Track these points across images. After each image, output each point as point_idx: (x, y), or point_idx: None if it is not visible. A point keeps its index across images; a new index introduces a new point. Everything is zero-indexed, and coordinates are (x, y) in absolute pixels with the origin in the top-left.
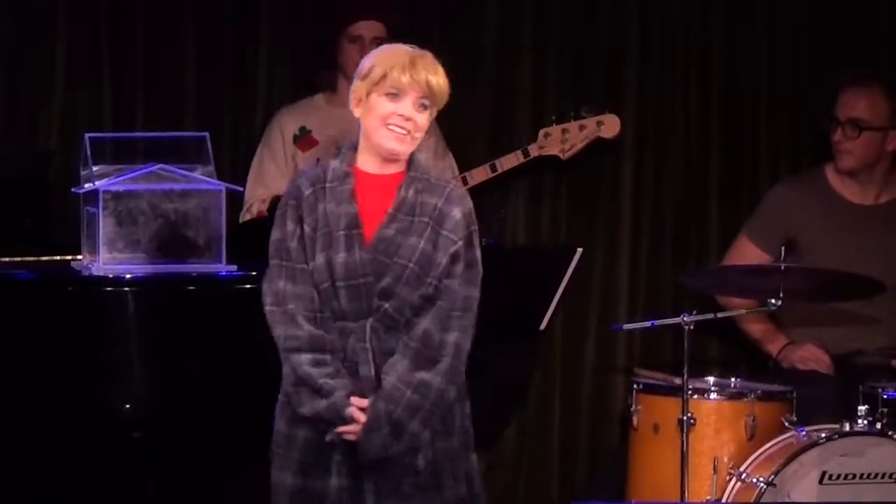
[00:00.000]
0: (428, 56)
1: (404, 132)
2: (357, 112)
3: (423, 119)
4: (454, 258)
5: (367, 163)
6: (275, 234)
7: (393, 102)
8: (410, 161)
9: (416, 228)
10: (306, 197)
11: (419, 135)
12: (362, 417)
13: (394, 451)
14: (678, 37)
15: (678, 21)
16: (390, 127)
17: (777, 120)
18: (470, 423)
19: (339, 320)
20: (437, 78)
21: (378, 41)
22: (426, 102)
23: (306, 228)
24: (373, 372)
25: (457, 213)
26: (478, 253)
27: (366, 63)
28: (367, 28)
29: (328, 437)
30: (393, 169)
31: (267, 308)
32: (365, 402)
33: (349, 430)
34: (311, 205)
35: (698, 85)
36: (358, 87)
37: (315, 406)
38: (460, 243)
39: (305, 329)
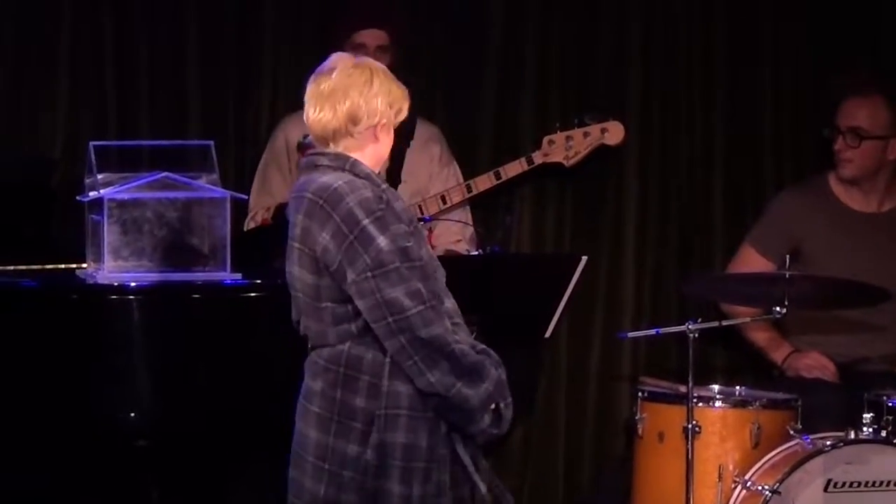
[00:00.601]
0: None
1: None
2: (380, 137)
3: None
4: None
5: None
6: (383, 241)
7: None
8: None
9: None
10: (386, 200)
11: None
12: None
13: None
14: (681, 44)
15: (681, 28)
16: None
17: (781, 127)
18: None
19: None
20: None
21: (381, 49)
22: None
23: (405, 227)
24: None
25: None
26: None
27: (397, 97)
28: (370, 37)
29: (485, 423)
30: None
31: (412, 312)
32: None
33: None
34: (392, 206)
35: (702, 92)
36: (388, 114)
37: (483, 388)
38: None
39: (447, 321)
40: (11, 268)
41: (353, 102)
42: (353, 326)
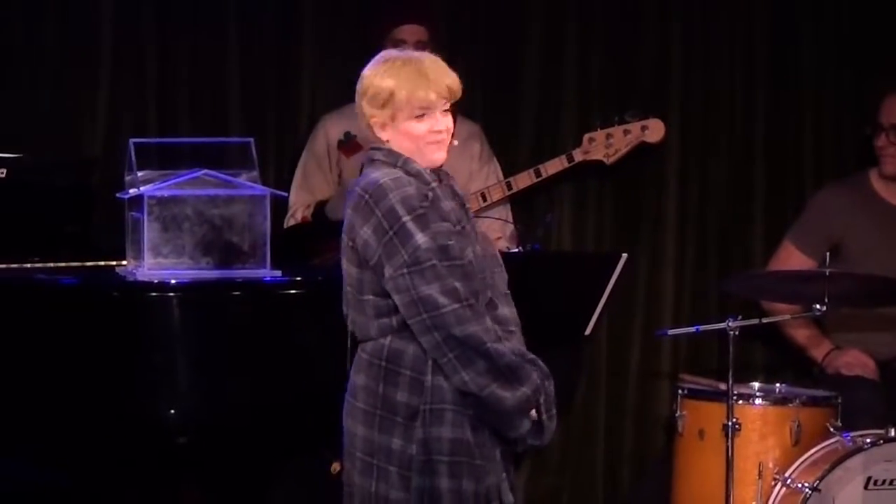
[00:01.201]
0: (430, 58)
1: (442, 143)
2: (384, 136)
3: (450, 119)
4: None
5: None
6: (421, 238)
7: (422, 122)
8: None
9: (469, 213)
10: (432, 199)
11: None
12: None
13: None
14: (723, 42)
15: (723, 25)
16: (429, 144)
17: (822, 125)
18: None
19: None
20: (451, 77)
21: (421, 45)
22: (448, 105)
23: (450, 227)
24: None
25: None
26: None
27: (380, 88)
28: (409, 32)
29: (524, 428)
30: None
31: (447, 309)
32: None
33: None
34: (437, 204)
35: (743, 89)
36: (378, 114)
37: (520, 392)
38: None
39: (488, 321)
40: (52, 265)
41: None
42: (393, 320)
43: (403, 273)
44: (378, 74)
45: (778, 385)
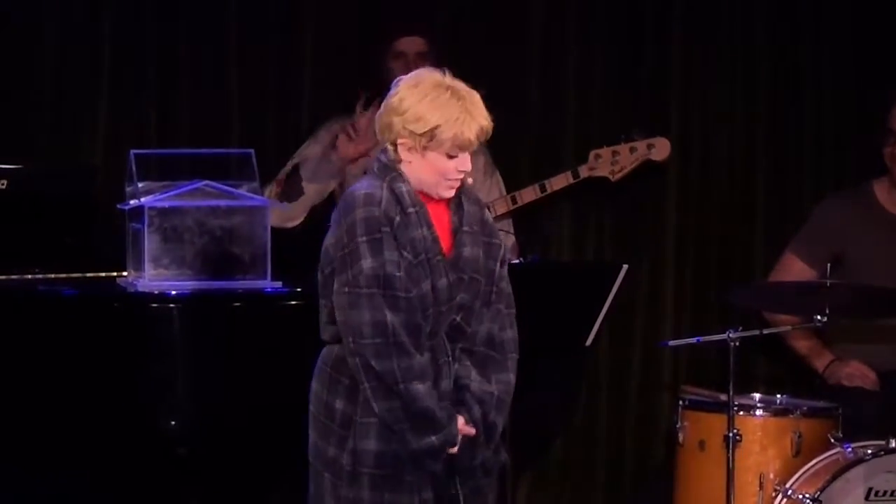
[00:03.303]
0: (473, 96)
1: (459, 180)
2: (405, 157)
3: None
4: (500, 261)
5: (414, 185)
6: (368, 263)
7: (453, 160)
8: None
9: (473, 240)
10: (397, 224)
11: None
12: (471, 431)
13: (486, 458)
14: (723, 52)
15: (723, 37)
16: (448, 181)
17: (823, 135)
18: None
19: (429, 339)
20: (487, 118)
21: (421, 56)
22: (477, 147)
23: (408, 256)
24: (452, 384)
25: (488, 215)
26: None
27: (422, 117)
28: (409, 44)
29: (436, 468)
30: None
31: (367, 341)
32: (462, 420)
33: (457, 450)
34: (402, 231)
35: (743, 100)
36: (410, 139)
37: (426, 441)
38: (500, 244)
39: (417, 359)
40: (53, 276)
41: (379, 111)
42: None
43: (344, 292)
44: (423, 102)
45: (779, 396)
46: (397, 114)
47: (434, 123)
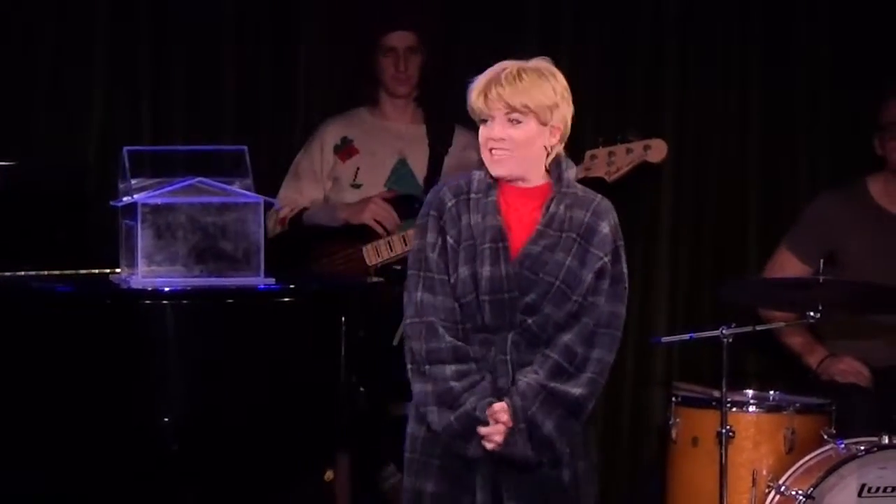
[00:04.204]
0: (513, 69)
1: (503, 153)
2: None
3: (520, 133)
4: (600, 274)
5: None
6: (415, 245)
7: (485, 128)
8: (559, 176)
9: (563, 244)
10: (449, 208)
11: (522, 151)
12: (505, 418)
13: (531, 454)
14: (717, 45)
15: (717, 29)
16: (490, 151)
17: (817, 133)
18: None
19: (482, 332)
20: (517, 92)
21: (411, 51)
22: (516, 117)
23: (449, 240)
24: (511, 385)
25: (604, 227)
26: (624, 268)
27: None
28: (399, 39)
29: (470, 453)
30: (535, 182)
31: (407, 321)
32: (503, 404)
33: (490, 431)
34: (454, 216)
35: (737, 95)
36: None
37: (445, 421)
38: (606, 259)
39: (447, 340)
40: (46, 273)
41: None
42: None
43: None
44: (486, 81)
45: (772, 392)
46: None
47: (469, 94)
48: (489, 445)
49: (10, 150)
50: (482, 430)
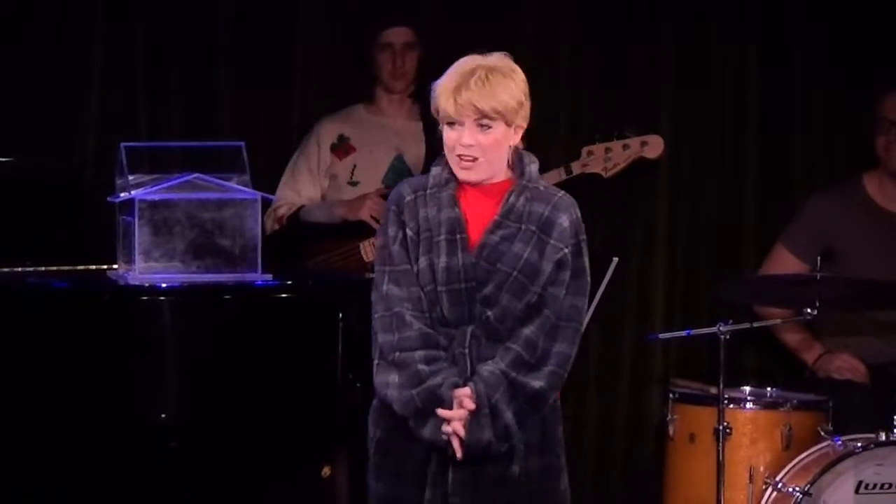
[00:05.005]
0: (482, 72)
1: (470, 160)
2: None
3: (489, 139)
4: (560, 265)
5: None
6: (378, 242)
7: (453, 132)
8: (521, 170)
9: (521, 236)
10: (408, 202)
11: (491, 155)
12: (469, 403)
13: (494, 441)
14: (713, 44)
15: (712, 29)
16: (457, 155)
17: (813, 131)
18: (563, 449)
19: (442, 326)
20: (487, 97)
21: (408, 47)
22: (486, 122)
23: (409, 232)
24: (469, 373)
25: (564, 220)
26: (587, 263)
27: (435, 88)
28: (396, 35)
29: (426, 434)
30: (497, 178)
31: (376, 316)
32: (467, 390)
33: (451, 415)
34: (412, 210)
35: (733, 92)
36: (442, 116)
37: (405, 395)
38: (566, 251)
39: (416, 327)
40: (43, 269)
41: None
42: None
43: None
44: (445, 75)
45: (769, 389)
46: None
47: (436, 93)
48: (446, 429)
49: (7, 147)
50: (444, 412)
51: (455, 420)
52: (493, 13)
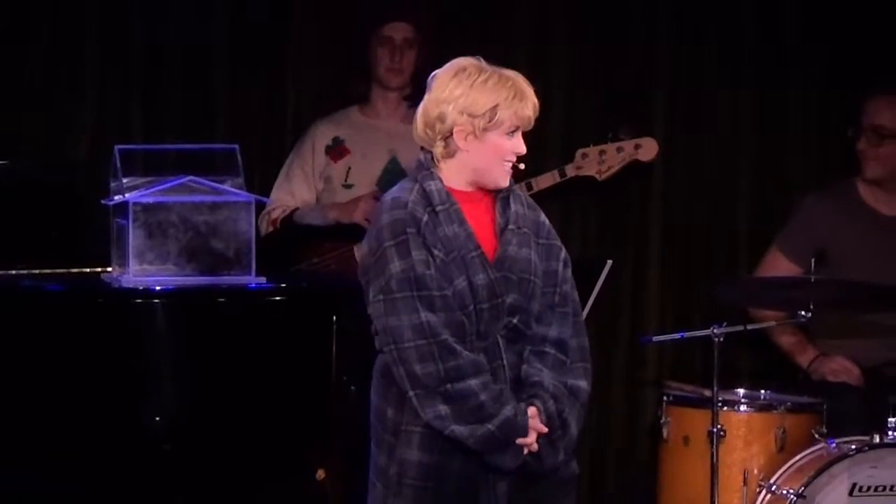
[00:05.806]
0: (518, 76)
1: (512, 163)
2: (462, 145)
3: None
4: (565, 263)
5: (456, 182)
6: (397, 267)
7: (514, 139)
8: None
9: (525, 241)
10: (425, 223)
11: None
12: (543, 427)
13: (563, 458)
14: (710, 50)
15: (709, 30)
16: (506, 163)
17: (807, 133)
18: None
19: (478, 340)
20: (535, 98)
21: (408, 43)
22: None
23: (438, 254)
24: (509, 387)
25: (544, 218)
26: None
27: (476, 99)
28: (395, 30)
29: (508, 464)
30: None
31: (409, 345)
32: (534, 409)
33: (529, 442)
34: (431, 230)
35: (728, 95)
36: (468, 123)
37: (482, 432)
38: (562, 247)
39: (465, 356)
40: (37, 271)
41: (424, 107)
42: None
43: (379, 300)
44: (474, 86)
45: (763, 392)
46: (448, 102)
47: (493, 103)
48: (525, 453)
49: (1, 149)
50: (523, 441)
51: (533, 445)
52: (487, 14)
